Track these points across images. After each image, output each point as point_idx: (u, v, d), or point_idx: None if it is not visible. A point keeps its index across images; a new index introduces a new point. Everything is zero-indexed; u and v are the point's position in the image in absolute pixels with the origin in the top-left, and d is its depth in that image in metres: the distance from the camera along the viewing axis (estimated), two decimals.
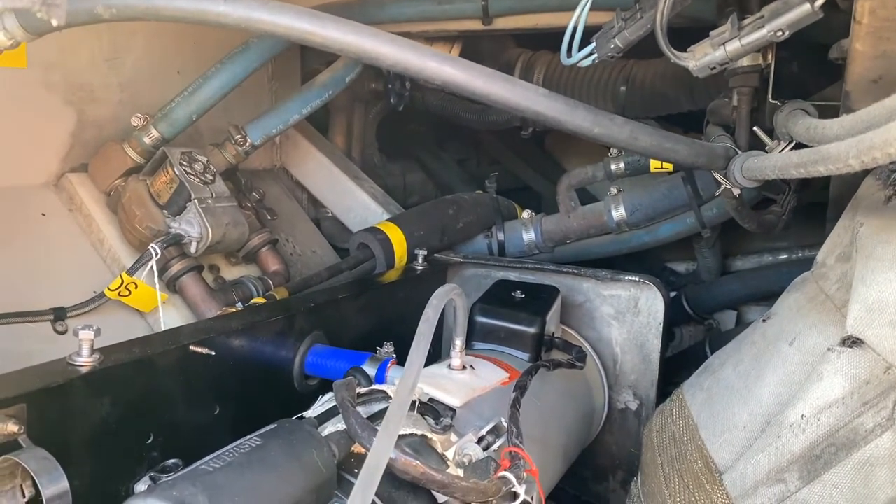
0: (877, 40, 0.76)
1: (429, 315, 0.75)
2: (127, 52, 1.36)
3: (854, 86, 0.81)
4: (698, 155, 0.91)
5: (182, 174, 1.22)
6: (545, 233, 1.48)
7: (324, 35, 0.72)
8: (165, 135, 1.30)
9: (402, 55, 0.73)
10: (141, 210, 1.23)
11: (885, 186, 0.75)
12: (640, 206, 1.39)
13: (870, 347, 0.69)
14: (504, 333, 1.05)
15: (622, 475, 1.26)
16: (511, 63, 1.78)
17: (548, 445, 0.98)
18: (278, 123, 1.44)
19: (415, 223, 1.41)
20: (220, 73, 1.30)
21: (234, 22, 0.72)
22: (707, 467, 0.83)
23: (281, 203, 1.66)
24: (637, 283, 1.19)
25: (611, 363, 1.23)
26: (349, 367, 0.99)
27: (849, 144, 0.58)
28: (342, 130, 1.94)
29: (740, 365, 0.88)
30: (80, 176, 1.30)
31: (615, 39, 0.86)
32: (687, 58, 0.82)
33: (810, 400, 0.72)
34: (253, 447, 0.63)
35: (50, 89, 1.24)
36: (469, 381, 0.90)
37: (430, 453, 0.73)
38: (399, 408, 0.64)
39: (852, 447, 0.69)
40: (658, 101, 1.55)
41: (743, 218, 1.11)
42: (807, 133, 0.77)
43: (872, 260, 0.71)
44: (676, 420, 0.93)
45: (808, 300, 0.85)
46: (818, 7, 0.74)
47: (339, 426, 0.73)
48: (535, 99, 0.78)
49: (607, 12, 1.09)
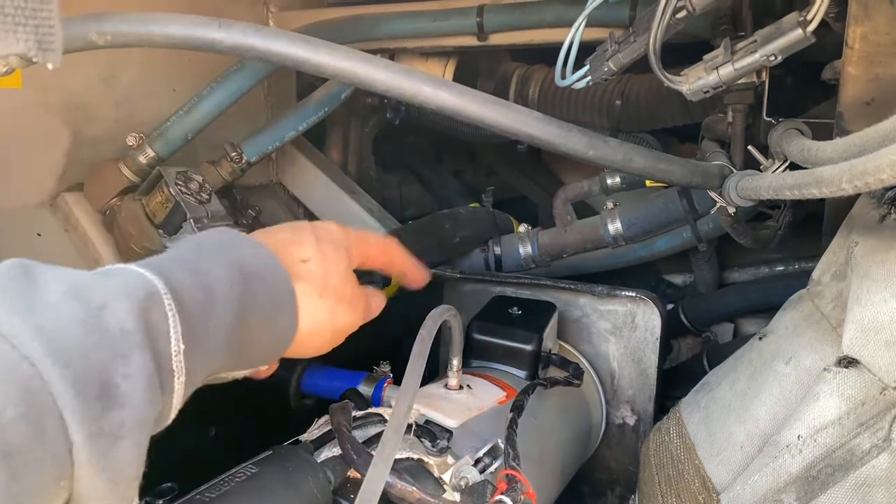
0: (869, 64, 0.77)
1: (423, 336, 0.75)
2: (123, 70, 1.36)
3: (847, 108, 0.82)
4: (693, 175, 0.91)
5: (177, 194, 1.22)
6: (542, 247, 1.48)
7: (317, 61, 0.72)
8: (161, 154, 1.30)
9: (395, 81, 0.74)
10: (136, 230, 1.23)
11: (879, 205, 0.75)
12: (636, 221, 1.39)
13: (866, 368, 0.69)
14: (501, 351, 1.05)
15: (620, 491, 1.26)
16: (507, 77, 1.78)
17: (545, 464, 0.98)
18: (274, 140, 1.45)
19: (411, 239, 1.41)
20: (216, 92, 1.30)
21: (228, 49, 0.73)
22: (704, 487, 0.83)
23: (278, 219, 1.66)
24: (634, 299, 1.19)
25: (608, 379, 1.23)
26: (345, 386, 0.99)
27: (842, 169, 0.58)
28: (339, 145, 1.94)
29: (737, 384, 0.88)
30: (75, 195, 1.30)
31: (609, 62, 0.86)
32: (680, 81, 0.82)
33: (807, 420, 0.72)
34: (248, 475, 0.63)
35: (45, 109, 1.24)
36: (466, 401, 0.90)
37: (426, 477, 0.73)
38: (394, 433, 0.64)
39: (849, 468, 0.69)
40: (653, 115, 1.55)
41: (738, 234, 1.12)
42: (801, 154, 0.78)
43: (867, 280, 0.71)
44: (674, 438, 0.93)
45: (804, 319, 0.85)
46: (810, 32, 0.75)
47: (335, 451, 0.73)
48: (528, 123, 0.78)
49: (602, 29, 1.10)
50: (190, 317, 0.52)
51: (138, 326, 0.48)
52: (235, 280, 0.57)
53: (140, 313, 0.48)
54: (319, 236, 0.68)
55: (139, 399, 0.47)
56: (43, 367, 0.42)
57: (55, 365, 0.42)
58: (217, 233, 0.63)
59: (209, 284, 0.55)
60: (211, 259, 0.57)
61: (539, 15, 1.37)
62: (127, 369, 0.46)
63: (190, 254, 0.58)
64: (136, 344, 0.47)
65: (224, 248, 0.60)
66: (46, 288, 0.46)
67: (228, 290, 0.56)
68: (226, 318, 0.55)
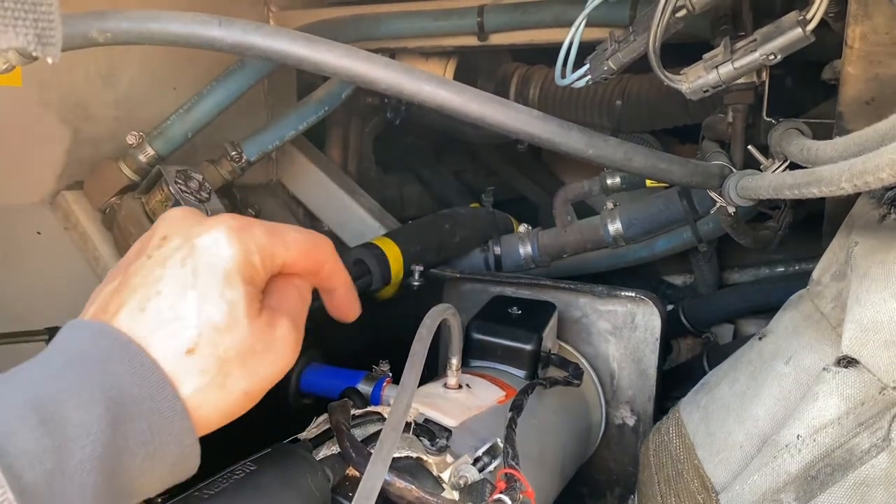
0: (868, 64, 0.77)
1: (422, 335, 0.75)
2: (123, 69, 1.36)
3: (847, 107, 0.82)
4: (693, 175, 0.91)
5: (177, 192, 1.22)
6: (542, 247, 1.48)
7: (317, 59, 0.72)
8: (161, 152, 1.30)
9: (395, 79, 0.74)
10: (136, 228, 1.23)
11: (878, 205, 0.75)
12: (636, 221, 1.39)
13: (865, 368, 0.69)
14: (500, 350, 1.05)
15: (620, 491, 1.26)
16: (507, 77, 1.79)
17: (544, 464, 0.98)
18: (274, 139, 1.45)
19: (411, 238, 1.41)
20: (216, 91, 1.31)
21: (228, 47, 0.73)
22: (704, 487, 0.83)
23: (277, 218, 1.66)
24: (634, 299, 1.19)
25: (608, 379, 1.23)
26: (344, 385, 0.99)
27: (841, 168, 0.58)
28: (339, 144, 1.94)
29: (736, 383, 0.88)
30: (75, 194, 1.30)
31: (609, 62, 0.86)
32: (680, 80, 0.82)
33: (806, 420, 0.72)
34: (246, 473, 0.62)
35: (45, 107, 1.24)
36: (465, 400, 0.90)
37: (425, 476, 0.72)
38: (393, 430, 0.63)
39: (848, 468, 0.69)
40: (654, 115, 1.55)
41: (738, 234, 1.12)
42: (801, 154, 0.78)
43: (867, 280, 0.71)
44: (673, 438, 0.93)
45: (804, 319, 0.85)
46: (810, 32, 0.75)
47: (334, 449, 0.73)
48: (529, 122, 0.78)
49: (602, 28, 1.10)
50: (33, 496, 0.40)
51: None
52: (100, 426, 0.44)
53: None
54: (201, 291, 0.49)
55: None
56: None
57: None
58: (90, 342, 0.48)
59: (61, 445, 0.42)
60: (71, 394, 0.44)
61: (539, 15, 1.37)
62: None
63: (46, 389, 0.44)
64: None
65: (89, 376, 0.46)
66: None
67: (88, 444, 0.43)
68: (83, 482, 0.43)
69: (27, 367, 0.47)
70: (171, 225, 0.52)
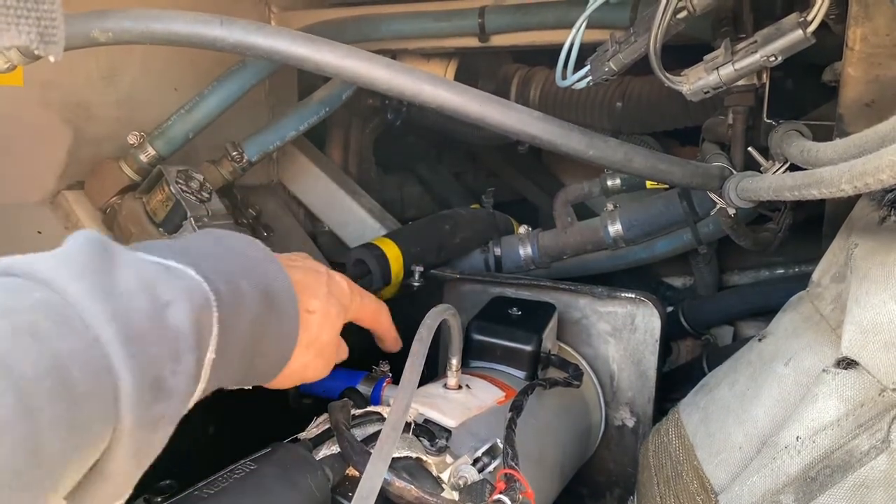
0: (869, 66, 0.77)
1: (422, 335, 0.75)
2: (124, 69, 1.36)
3: (847, 109, 0.82)
4: (693, 176, 0.91)
5: (178, 192, 1.22)
6: (542, 248, 1.48)
7: (319, 59, 0.72)
8: (162, 152, 1.30)
9: (396, 80, 0.74)
10: (137, 228, 1.23)
11: (878, 207, 0.75)
12: (636, 223, 1.39)
13: (864, 369, 0.69)
14: (500, 351, 1.05)
15: (619, 492, 1.26)
16: (508, 79, 1.79)
17: (544, 464, 0.98)
18: (275, 140, 1.44)
19: (411, 239, 1.41)
20: (217, 91, 1.30)
21: (230, 46, 0.73)
22: (703, 488, 0.83)
23: (278, 219, 1.66)
24: (634, 300, 1.19)
25: (607, 380, 1.23)
26: (344, 386, 0.99)
27: (841, 169, 0.58)
28: (339, 145, 1.94)
29: (736, 385, 0.88)
30: (76, 194, 1.30)
31: (609, 63, 0.86)
32: (681, 81, 0.82)
33: (805, 421, 0.72)
34: (247, 472, 0.63)
35: (47, 107, 1.24)
36: (465, 400, 0.90)
37: (424, 476, 0.73)
38: (393, 430, 0.64)
39: (847, 469, 0.69)
40: (654, 117, 1.55)
41: (739, 236, 1.12)
42: (801, 155, 0.78)
43: (867, 281, 0.71)
44: (673, 440, 0.93)
45: (804, 320, 0.85)
46: (810, 33, 0.75)
47: (334, 449, 0.73)
48: (529, 122, 0.78)
49: (603, 30, 1.10)
50: (223, 329, 0.55)
51: (192, 330, 0.51)
52: (259, 303, 0.60)
53: (195, 318, 0.52)
54: (331, 290, 0.73)
55: (180, 396, 0.51)
56: (112, 350, 0.45)
57: (122, 352, 0.45)
58: (247, 243, 0.65)
59: (240, 302, 0.58)
60: (242, 273, 0.60)
61: (540, 16, 1.37)
62: (177, 367, 0.50)
63: (225, 262, 0.59)
64: (188, 346, 0.51)
65: (254, 266, 0.62)
66: (122, 274, 0.49)
67: (252, 311, 0.59)
68: (244, 338, 0.59)
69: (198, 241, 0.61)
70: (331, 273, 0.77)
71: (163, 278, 0.51)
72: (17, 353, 0.41)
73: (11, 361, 0.40)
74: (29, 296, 0.45)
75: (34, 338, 0.42)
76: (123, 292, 0.48)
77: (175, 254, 0.55)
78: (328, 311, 0.72)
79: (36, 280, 0.46)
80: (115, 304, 0.47)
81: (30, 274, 0.46)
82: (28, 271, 0.46)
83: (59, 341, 0.43)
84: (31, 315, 0.43)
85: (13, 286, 0.45)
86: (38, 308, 0.44)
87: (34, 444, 0.40)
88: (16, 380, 0.40)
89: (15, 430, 0.39)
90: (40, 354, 0.41)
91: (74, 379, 0.42)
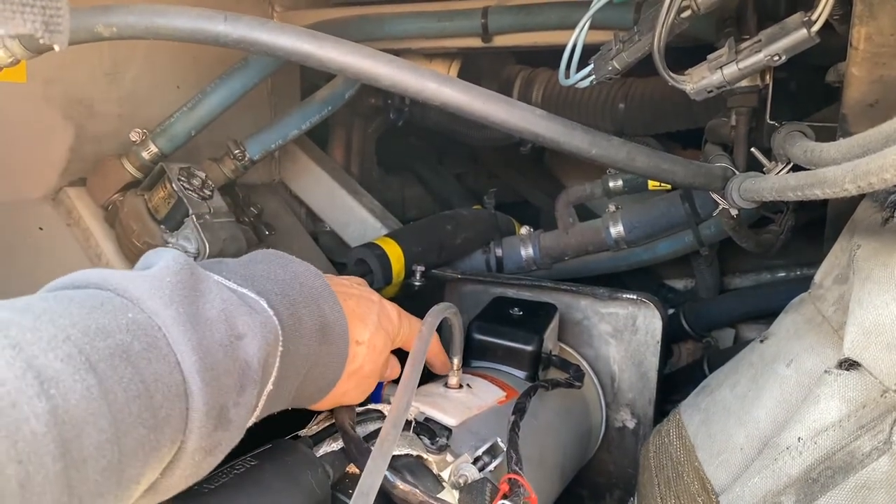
0: (873, 66, 0.77)
1: (423, 333, 0.75)
2: (127, 66, 1.36)
3: (850, 109, 0.82)
4: (696, 176, 0.91)
5: (180, 189, 1.22)
6: (543, 249, 1.48)
7: (322, 56, 0.72)
8: (164, 150, 1.30)
9: (400, 76, 0.74)
10: (138, 225, 1.23)
11: (882, 209, 0.75)
12: (638, 224, 1.39)
13: (867, 370, 0.69)
14: (501, 351, 1.05)
15: (619, 494, 1.26)
16: (510, 79, 1.78)
17: (545, 465, 0.98)
18: (277, 139, 1.44)
19: (413, 239, 1.41)
20: (220, 89, 1.30)
21: (233, 42, 0.73)
22: (704, 489, 0.83)
23: (279, 218, 1.66)
24: (635, 302, 1.19)
25: (608, 381, 1.23)
26: None
27: (845, 169, 0.58)
28: (341, 145, 1.94)
29: (737, 386, 0.87)
30: (78, 190, 1.30)
31: (613, 62, 0.86)
32: (684, 81, 0.82)
33: (807, 423, 0.71)
34: (247, 468, 0.62)
35: (49, 104, 1.24)
36: (466, 400, 0.90)
37: (425, 474, 0.72)
38: (393, 428, 0.64)
39: (849, 471, 0.68)
40: (657, 118, 1.55)
41: (741, 238, 1.12)
42: (804, 156, 0.77)
43: (869, 282, 0.71)
44: (673, 441, 0.92)
45: (806, 321, 0.84)
46: (815, 33, 0.75)
47: (334, 446, 0.73)
48: (533, 120, 0.78)
49: (606, 31, 1.10)
50: (283, 363, 0.58)
51: (259, 365, 0.54)
52: (314, 335, 0.64)
53: (263, 354, 0.54)
54: (380, 321, 0.75)
55: (238, 427, 0.53)
56: (190, 378, 0.48)
57: (199, 380, 0.48)
58: (309, 273, 0.67)
59: (300, 335, 0.61)
60: (303, 304, 0.63)
61: (544, 17, 1.37)
62: (240, 399, 0.52)
63: (290, 291, 0.62)
64: (253, 380, 0.53)
65: (314, 298, 0.65)
66: (205, 302, 0.52)
67: (309, 345, 0.63)
68: (299, 370, 0.62)
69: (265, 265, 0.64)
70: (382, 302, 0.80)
71: (240, 311, 0.54)
72: (113, 376, 0.43)
73: (109, 385, 0.42)
74: (124, 315, 0.47)
75: (127, 361, 0.44)
76: (206, 321, 0.51)
77: (246, 280, 0.59)
78: (375, 343, 0.74)
79: (128, 298, 0.48)
80: (200, 334, 0.49)
81: (123, 292, 0.49)
82: (121, 289, 0.49)
83: (146, 365, 0.46)
84: (125, 336, 0.45)
85: (110, 304, 0.47)
86: (131, 329, 0.46)
87: (118, 468, 0.42)
88: (110, 403, 0.42)
89: (105, 456, 0.41)
90: (131, 379, 0.44)
91: (157, 403, 0.45)
